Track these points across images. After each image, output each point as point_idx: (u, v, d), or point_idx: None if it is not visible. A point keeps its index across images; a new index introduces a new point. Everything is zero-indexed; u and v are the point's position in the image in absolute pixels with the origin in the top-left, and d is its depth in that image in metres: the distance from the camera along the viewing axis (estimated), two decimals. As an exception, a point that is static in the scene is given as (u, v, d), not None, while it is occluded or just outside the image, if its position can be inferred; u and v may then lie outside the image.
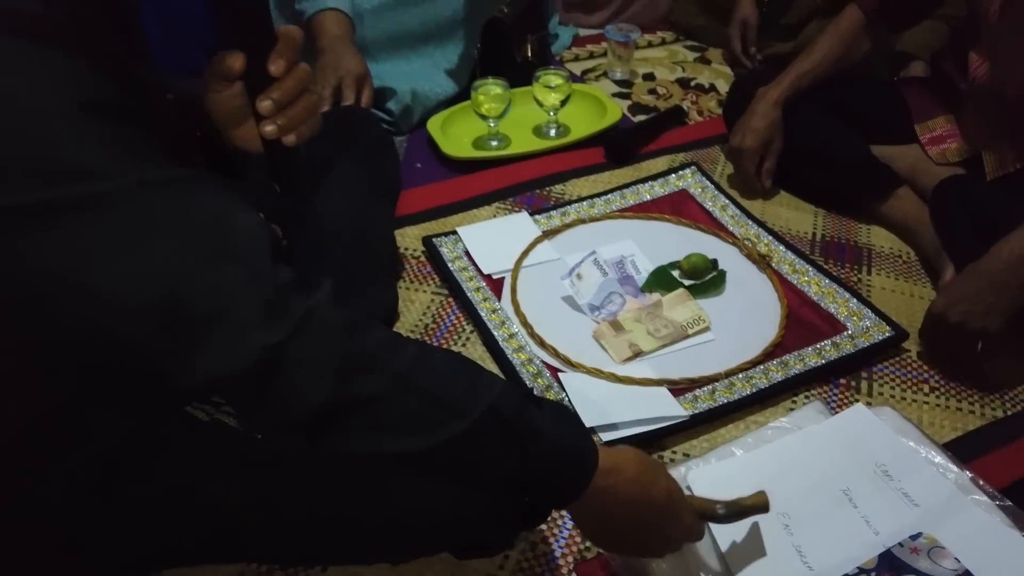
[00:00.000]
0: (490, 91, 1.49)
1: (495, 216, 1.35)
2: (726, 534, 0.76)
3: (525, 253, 1.25)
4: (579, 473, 0.64)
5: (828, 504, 0.79)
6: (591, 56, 1.93)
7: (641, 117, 1.67)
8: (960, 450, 0.93)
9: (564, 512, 0.88)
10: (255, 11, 0.66)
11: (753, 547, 0.74)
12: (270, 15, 0.69)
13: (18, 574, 0.73)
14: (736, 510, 0.71)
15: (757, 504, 0.71)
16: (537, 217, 1.33)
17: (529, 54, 1.71)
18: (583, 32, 2.03)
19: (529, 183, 1.44)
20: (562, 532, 0.88)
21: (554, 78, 1.53)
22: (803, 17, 1.82)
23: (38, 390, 0.63)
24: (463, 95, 1.62)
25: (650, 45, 1.98)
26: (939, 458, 0.85)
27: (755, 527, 0.75)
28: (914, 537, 0.74)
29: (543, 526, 0.88)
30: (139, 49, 0.65)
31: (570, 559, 0.85)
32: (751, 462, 0.80)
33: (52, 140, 0.48)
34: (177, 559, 0.81)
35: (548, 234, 1.30)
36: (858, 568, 0.72)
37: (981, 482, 0.82)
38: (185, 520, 0.74)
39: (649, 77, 1.84)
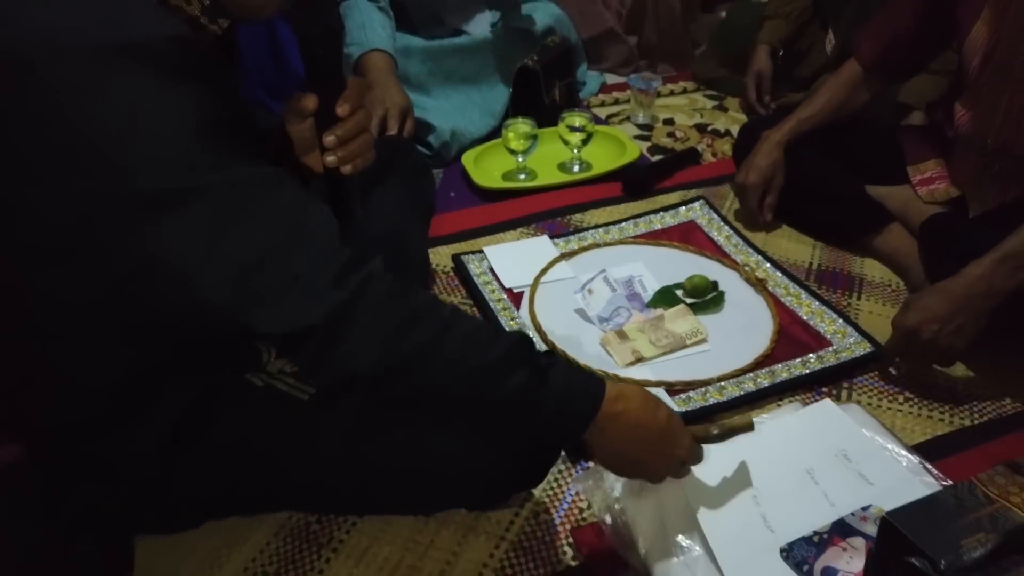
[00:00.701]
0: (519, 129, 1.65)
1: (519, 239, 1.50)
2: (701, 502, 0.87)
3: (544, 271, 1.39)
4: (591, 398, 0.77)
5: (793, 481, 0.90)
6: (616, 102, 2.10)
7: (659, 157, 1.81)
8: (927, 452, 1.03)
9: (564, 485, 1.00)
10: (330, 64, 0.83)
11: (725, 515, 0.86)
12: (342, 67, 0.86)
13: (90, 521, 0.86)
14: (726, 430, 0.83)
15: (744, 423, 0.84)
16: (556, 240, 1.47)
17: (557, 97, 1.88)
18: (610, 80, 2.21)
19: (551, 211, 1.59)
20: (562, 504, 1.00)
21: (578, 119, 1.69)
22: (815, 70, 1.97)
23: (135, 356, 0.78)
24: (496, 133, 1.79)
25: (672, 93, 2.14)
26: (893, 446, 0.95)
27: (727, 498, 0.87)
28: (865, 508, 0.84)
29: (545, 498, 1.00)
30: (237, 81, 0.81)
31: (567, 526, 0.97)
32: (729, 445, 0.91)
33: (178, 144, 0.64)
34: (229, 509, 0.95)
35: (565, 255, 1.44)
36: (813, 531, 0.83)
37: (929, 466, 0.92)
38: (239, 472, 0.88)
39: (669, 122, 2.00)
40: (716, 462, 0.86)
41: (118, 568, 0.89)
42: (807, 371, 1.17)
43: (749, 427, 0.86)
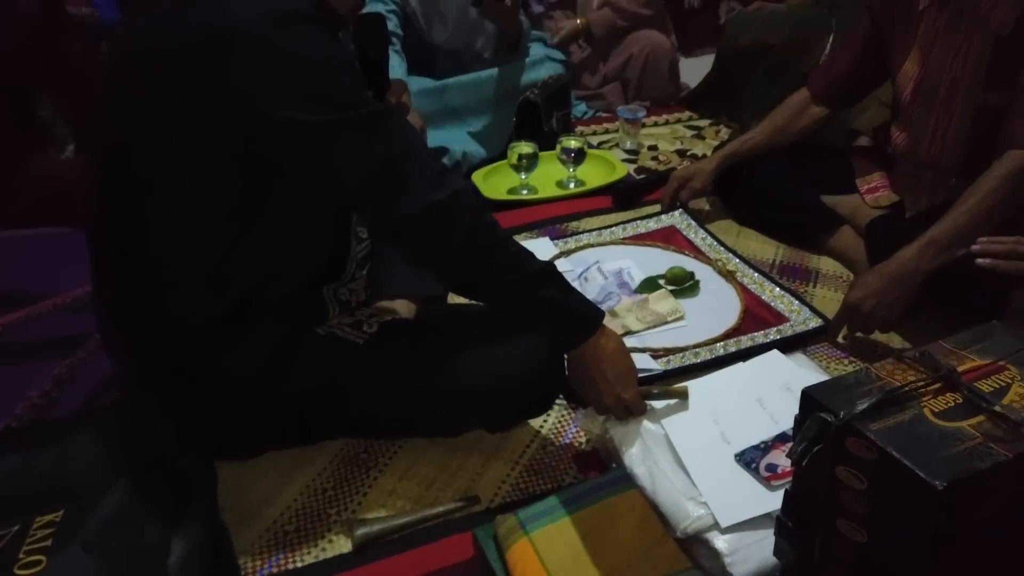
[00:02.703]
0: (522, 149, 1.91)
1: (523, 241, 1.73)
2: (673, 426, 1.09)
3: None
4: (594, 319, 1.06)
5: (746, 407, 1.11)
6: (606, 131, 2.37)
7: (643, 176, 2.07)
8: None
9: (567, 424, 1.23)
10: (380, 67, 1.11)
11: (691, 433, 1.08)
12: (388, 72, 1.13)
13: (193, 439, 1.07)
14: (663, 392, 1.11)
15: (680, 391, 1.10)
16: (556, 241, 1.72)
17: (555, 126, 2.15)
18: (601, 114, 2.49)
19: (551, 220, 1.83)
20: (565, 437, 1.22)
21: (574, 142, 1.95)
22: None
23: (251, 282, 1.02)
24: (501, 156, 2.05)
25: (656, 124, 2.41)
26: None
27: (693, 420, 1.09)
28: (802, 421, 1.06)
29: (551, 433, 1.22)
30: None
31: (570, 454, 1.19)
32: (697, 384, 1.15)
33: (345, 80, 0.94)
34: (298, 437, 1.16)
35: (564, 253, 1.68)
36: (761, 441, 1.05)
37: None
38: (309, 401, 1.09)
39: (653, 148, 2.26)
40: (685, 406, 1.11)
41: (209, 481, 1.09)
42: (767, 340, 1.40)
43: (684, 394, 1.12)
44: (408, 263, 1.08)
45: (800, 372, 1.18)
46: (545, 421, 1.24)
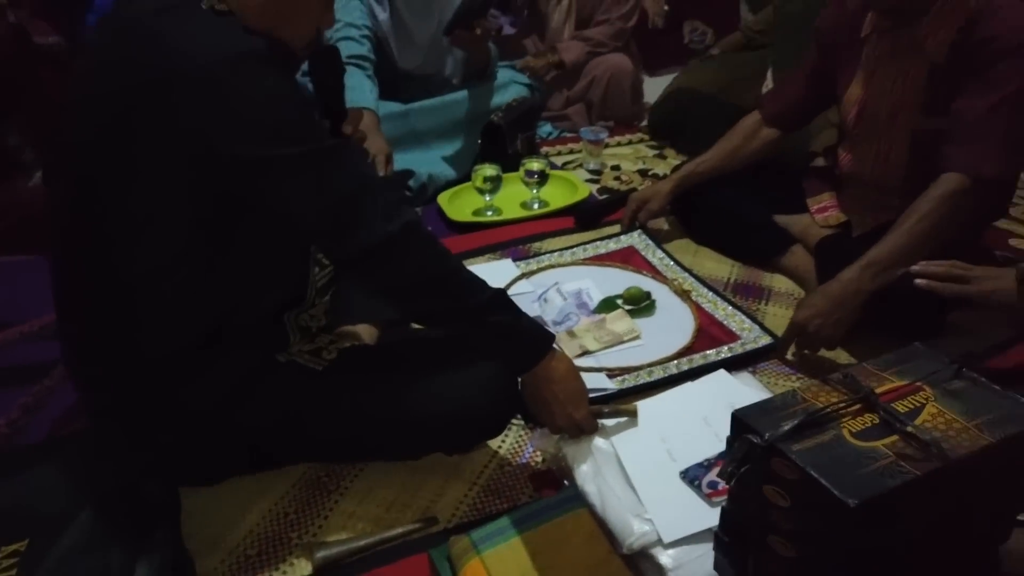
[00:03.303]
0: (486, 171, 1.96)
1: (487, 262, 1.78)
2: (622, 445, 1.14)
3: (507, 287, 1.67)
4: (544, 343, 1.10)
5: (691, 425, 1.16)
6: (570, 152, 2.42)
7: (606, 196, 2.12)
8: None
9: (524, 444, 1.27)
10: (337, 96, 1.15)
11: (639, 452, 1.12)
12: (344, 102, 1.17)
13: (155, 468, 1.10)
14: (613, 411, 1.16)
15: (629, 410, 1.15)
16: (518, 263, 1.76)
17: (519, 148, 2.20)
18: (566, 134, 2.55)
19: (515, 240, 1.88)
20: (522, 457, 1.26)
21: (537, 164, 2.00)
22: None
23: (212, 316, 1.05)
24: (467, 178, 2.09)
25: (619, 144, 2.47)
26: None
27: (641, 438, 1.14)
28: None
29: (509, 454, 1.26)
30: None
31: (526, 473, 1.23)
32: (644, 404, 1.20)
33: (292, 120, 0.95)
34: (259, 463, 1.19)
35: (526, 274, 1.72)
36: (704, 458, 1.10)
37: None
38: (269, 428, 1.12)
39: (616, 168, 2.32)
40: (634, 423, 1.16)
41: (172, 509, 1.12)
42: (719, 358, 1.45)
43: (633, 413, 1.17)
44: (364, 292, 1.12)
45: (745, 391, 1.23)
46: (503, 441, 1.28)
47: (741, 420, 0.85)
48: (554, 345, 1.12)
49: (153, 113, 0.92)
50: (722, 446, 1.12)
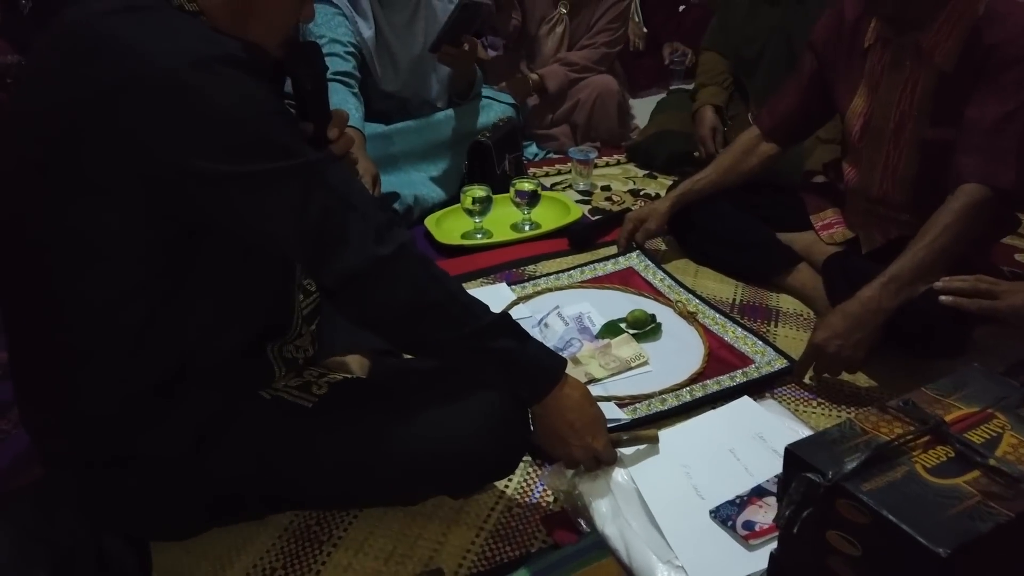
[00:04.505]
0: (476, 192, 1.86)
1: (480, 287, 1.68)
2: (643, 481, 1.04)
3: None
4: (555, 371, 0.99)
5: (718, 459, 1.07)
6: (559, 172, 2.34)
7: (598, 216, 2.04)
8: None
9: (534, 482, 1.16)
10: (319, 98, 1.05)
11: (663, 489, 1.02)
12: (328, 103, 1.06)
13: (117, 521, 0.98)
14: (633, 438, 1.05)
15: (650, 436, 1.04)
16: (513, 287, 1.66)
17: (507, 168, 2.11)
18: (552, 155, 2.47)
19: (507, 264, 1.78)
20: (532, 497, 1.15)
21: (527, 184, 1.91)
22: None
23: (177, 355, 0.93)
24: (454, 200, 2.00)
25: (608, 164, 2.40)
26: (801, 428, 1.14)
27: (664, 473, 1.04)
28: (777, 475, 1.01)
29: (517, 494, 1.15)
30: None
31: (538, 515, 1.12)
32: (667, 435, 1.10)
33: (267, 131, 0.84)
34: (240, 512, 1.06)
35: (522, 299, 1.62)
36: (736, 495, 1.00)
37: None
38: (251, 473, 1.00)
39: (606, 188, 2.24)
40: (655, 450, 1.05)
41: (140, 568, 0.99)
42: (734, 384, 1.36)
43: (654, 439, 1.08)
44: (351, 322, 1.00)
45: (772, 420, 1.14)
46: (510, 480, 1.17)
47: (797, 456, 0.76)
48: None
49: (103, 126, 0.80)
50: (753, 481, 1.04)
